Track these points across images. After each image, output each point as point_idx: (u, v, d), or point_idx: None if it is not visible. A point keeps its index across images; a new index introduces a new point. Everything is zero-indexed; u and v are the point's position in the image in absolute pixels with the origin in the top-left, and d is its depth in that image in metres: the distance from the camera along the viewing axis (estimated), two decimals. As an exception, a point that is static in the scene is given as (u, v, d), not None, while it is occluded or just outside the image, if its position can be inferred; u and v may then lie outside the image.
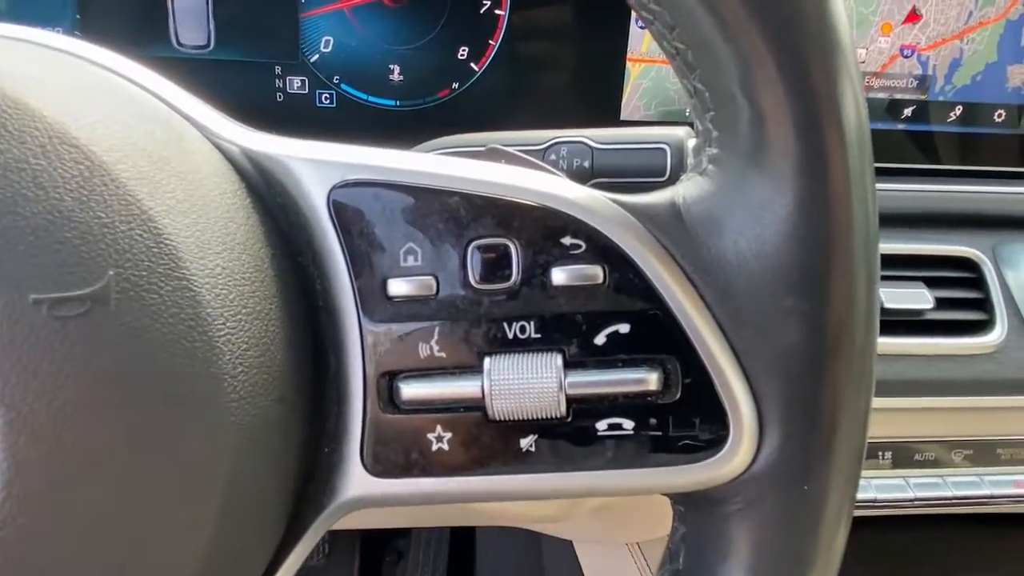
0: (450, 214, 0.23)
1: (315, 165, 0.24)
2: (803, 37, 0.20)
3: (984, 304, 0.56)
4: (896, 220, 0.58)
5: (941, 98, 0.60)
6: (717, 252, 0.22)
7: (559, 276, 0.23)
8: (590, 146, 0.36)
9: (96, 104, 0.21)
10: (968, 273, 0.57)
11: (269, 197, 0.24)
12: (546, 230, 0.23)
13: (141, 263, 0.19)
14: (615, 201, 0.23)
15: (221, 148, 0.24)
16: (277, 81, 0.55)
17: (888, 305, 0.53)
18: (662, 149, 0.34)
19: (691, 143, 0.35)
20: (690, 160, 0.34)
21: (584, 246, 0.23)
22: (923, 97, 0.60)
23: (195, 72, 0.54)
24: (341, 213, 0.24)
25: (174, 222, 0.20)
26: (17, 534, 0.18)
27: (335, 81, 0.55)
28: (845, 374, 0.22)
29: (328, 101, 0.56)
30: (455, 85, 0.56)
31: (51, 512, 0.18)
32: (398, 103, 0.56)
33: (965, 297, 0.56)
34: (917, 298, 0.55)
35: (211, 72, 0.54)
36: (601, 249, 0.23)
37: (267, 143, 0.25)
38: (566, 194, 0.23)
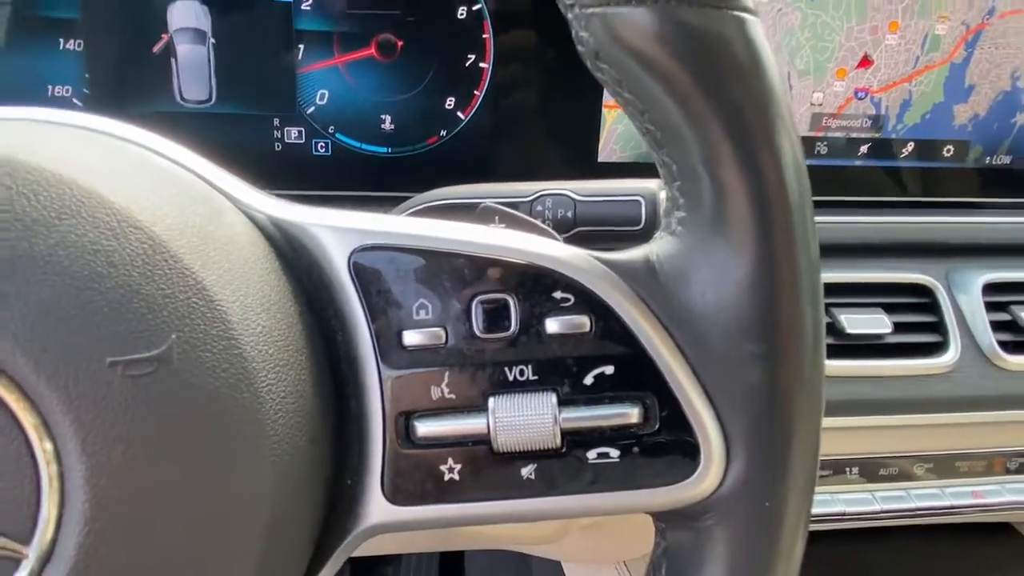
0: (456, 273, 0.27)
1: (336, 232, 0.27)
2: (753, 127, 0.24)
3: (938, 327, 0.59)
4: (856, 250, 0.61)
5: (894, 136, 0.64)
6: (687, 303, 0.26)
7: (552, 326, 0.27)
8: (572, 198, 0.39)
9: (151, 187, 0.25)
10: (923, 299, 0.60)
11: (295, 260, 0.27)
12: (540, 286, 0.27)
13: (198, 327, 0.22)
14: (599, 259, 0.27)
15: (253, 218, 0.27)
16: (275, 132, 0.58)
17: (850, 331, 0.57)
18: (637, 201, 0.38)
19: (663, 195, 0.39)
20: (663, 214, 0.38)
21: (573, 299, 0.27)
22: (877, 135, 0.64)
23: (198, 125, 0.56)
24: (360, 274, 0.27)
25: (223, 289, 0.23)
26: (100, 564, 0.21)
27: (330, 131, 0.58)
28: (798, 406, 0.26)
29: (324, 149, 0.59)
30: (443, 132, 0.59)
31: (127, 544, 0.21)
32: (390, 150, 0.59)
33: (921, 321, 0.59)
34: (877, 323, 0.58)
35: (213, 125, 0.57)
36: (588, 302, 0.27)
37: (292, 212, 0.28)
38: (557, 254, 0.27)
